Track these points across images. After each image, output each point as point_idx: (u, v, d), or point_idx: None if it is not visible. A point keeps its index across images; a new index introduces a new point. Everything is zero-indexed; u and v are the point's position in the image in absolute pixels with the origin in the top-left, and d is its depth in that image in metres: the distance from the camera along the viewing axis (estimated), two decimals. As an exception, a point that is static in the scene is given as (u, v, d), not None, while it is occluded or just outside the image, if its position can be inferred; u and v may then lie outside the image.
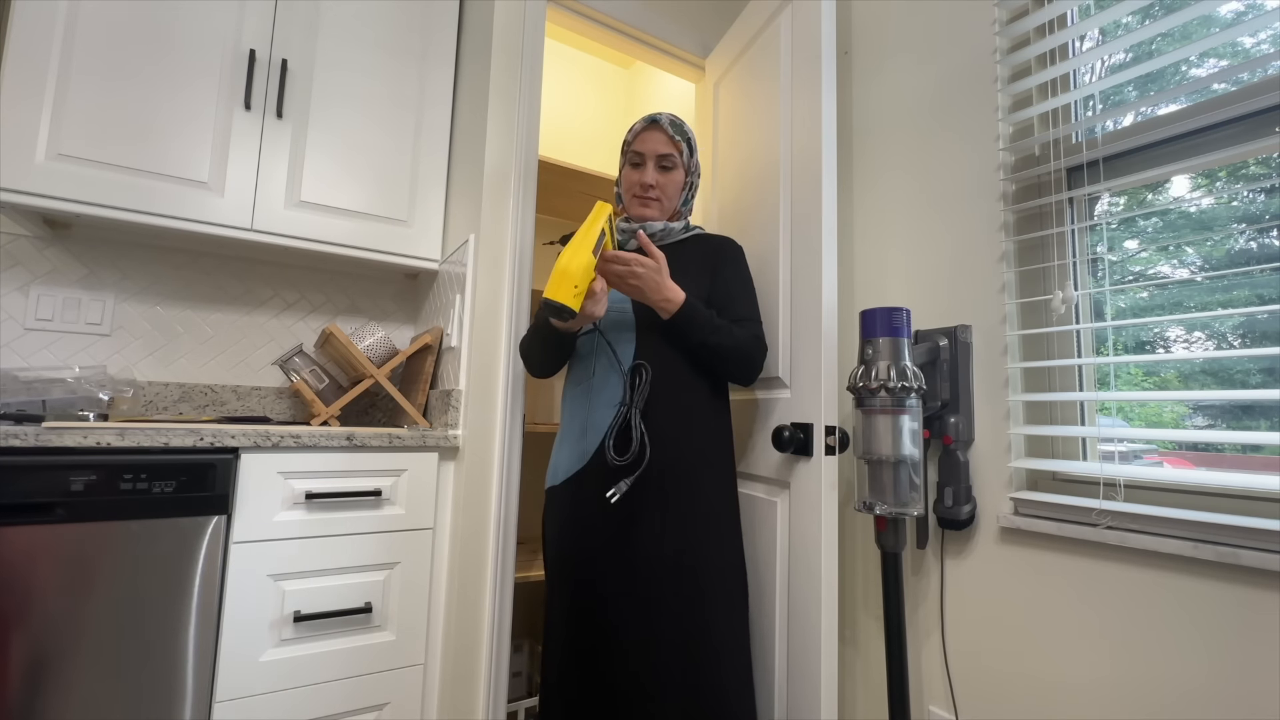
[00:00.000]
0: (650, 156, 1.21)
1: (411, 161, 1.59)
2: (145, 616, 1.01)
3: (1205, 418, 1.06)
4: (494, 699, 1.25)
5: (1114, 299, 1.15)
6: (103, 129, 1.26)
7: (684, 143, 1.23)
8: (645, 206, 1.23)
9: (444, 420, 1.39)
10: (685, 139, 1.23)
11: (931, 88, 1.41)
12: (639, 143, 1.23)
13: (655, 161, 1.21)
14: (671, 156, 1.21)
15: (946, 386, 1.26)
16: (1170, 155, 1.05)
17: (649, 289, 1.07)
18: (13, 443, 0.94)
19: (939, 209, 1.37)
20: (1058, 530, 1.08)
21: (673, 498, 1.12)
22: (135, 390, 1.46)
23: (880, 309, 1.11)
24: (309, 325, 1.71)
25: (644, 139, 1.22)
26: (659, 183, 1.21)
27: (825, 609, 1.11)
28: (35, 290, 1.40)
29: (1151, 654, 0.98)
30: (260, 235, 1.40)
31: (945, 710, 1.26)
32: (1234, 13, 1.03)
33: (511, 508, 1.31)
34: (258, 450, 1.13)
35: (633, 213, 1.25)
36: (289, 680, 1.12)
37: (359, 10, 1.55)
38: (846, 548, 1.51)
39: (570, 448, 1.19)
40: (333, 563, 1.18)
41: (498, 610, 1.27)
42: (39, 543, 0.95)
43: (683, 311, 1.10)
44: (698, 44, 1.82)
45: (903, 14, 1.50)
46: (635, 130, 1.25)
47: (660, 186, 1.22)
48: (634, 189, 1.23)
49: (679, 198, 1.26)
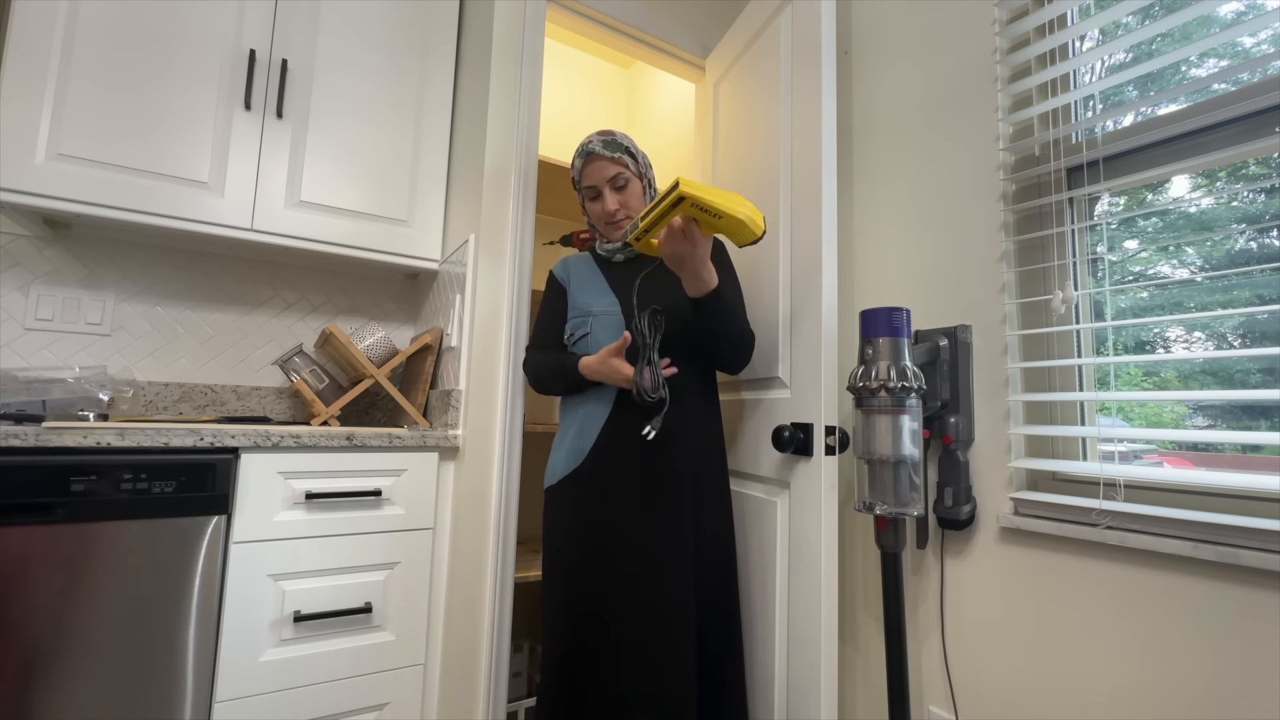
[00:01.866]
0: (602, 185, 1.22)
1: (411, 161, 1.59)
2: (145, 616, 1.01)
3: (1205, 418, 1.06)
4: (494, 699, 1.25)
5: (1114, 299, 1.15)
6: (103, 129, 1.26)
7: (624, 155, 1.23)
8: (618, 228, 1.25)
9: (444, 420, 1.39)
10: (623, 151, 1.23)
11: (931, 88, 1.41)
12: (586, 178, 1.24)
13: (608, 186, 1.22)
14: (621, 174, 1.22)
15: (946, 386, 1.26)
16: (1170, 155, 1.05)
17: (698, 262, 1.06)
18: (13, 443, 0.94)
19: (939, 209, 1.37)
20: (1058, 530, 1.08)
21: (670, 493, 1.13)
22: (135, 390, 1.46)
23: (880, 309, 1.11)
24: (309, 325, 1.71)
25: (589, 173, 1.23)
26: (621, 202, 1.23)
27: (825, 609, 1.11)
28: (35, 290, 1.40)
29: (1151, 654, 0.98)
30: (260, 235, 1.40)
31: (945, 710, 1.26)
32: (1234, 13, 1.02)
33: (511, 508, 1.31)
34: (258, 450, 1.13)
35: (612, 238, 1.27)
36: (289, 680, 1.12)
37: (359, 10, 1.55)
38: (846, 548, 1.51)
39: (568, 446, 1.20)
40: (333, 563, 1.18)
41: (498, 610, 1.27)
42: (39, 543, 0.95)
43: (712, 296, 1.10)
44: (698, 44, 1.82)
45: (903, 14, 1.50)
46: (577, 168, 1.26)
47: (624, 205, 1.23)
48: (603, 219, 1.25)
49: (643, 205, 1.27)
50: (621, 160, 1.22)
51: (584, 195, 1.28)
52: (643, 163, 1.27)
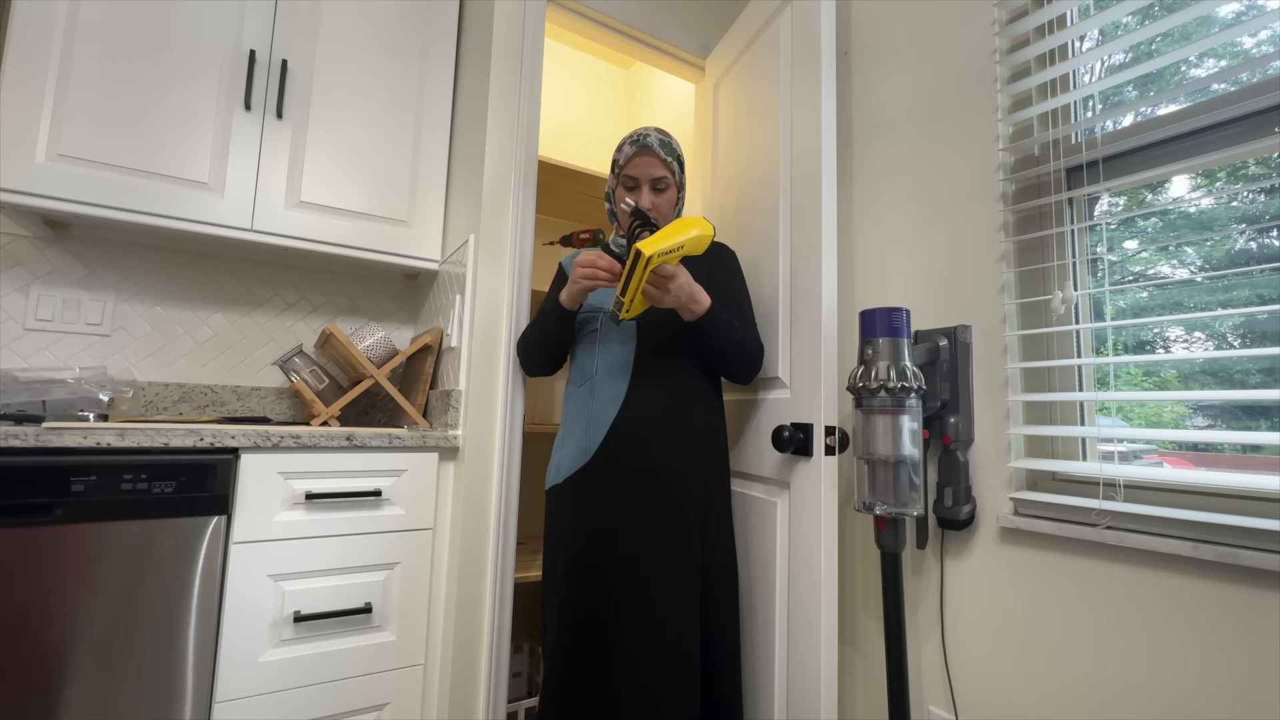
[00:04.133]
0: (645, 180, 1.22)
1: (411, 162, 1.59)
2: (145, 617, 1.01)
3: (1205, 418, 1.06)
4: (494, 699, 1.25)
5: (1114, 299, 1.15)
6: (103, 129, 1.26)
7: (675, 162, 1.24)
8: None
9: (444, 420, 1.39)
10: (676, 158, 1.24)
11: (931, 88, 1.41)
12: (632, 167, 1.23)
13: (650, 185, 1.22)
14: (665, 179, 1.23)
15: (946, 386, 1.26)
16: (1170, 155, 1.05)
17: (684, 294, 1.09)
18: (13, 443, 0.94)
19: (939, 209, 1.37)
20: (1057, 530, 1.08)
21: (673, 496, 1.13)
22: (135, 391, 1.46)
23: (880, 309, 1.11)
24: (309, 325, 1.71)
25: (637, 163, 1.23)
26: (655, 204, 1.23)
27: (825, 609, 1.11)
28: (35, 290, 1.40)
29: (1151, 654, 0.98)
30: (260, 235, 1.40)
31: (945, 710, 1.26)
32: (1234, 13, 1.03)
33: (511, 508, 1.31)
34: (258, 450, 1.13)
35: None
36: (289, 680, 1.12)
37: (359, 11, 1.55)
38: (846, 548, 1.51)
39: (574, 445, 1.20)
40: (333, 563, 1.18)
41: (498, 610, 1.26)
42: (39, 543, 0.95)
43: (709, 317, 1.12)
44: (698, 44, 1.82)
45: (902, 14, 1.50)
46: (626, 154, 1.25)
47: (656, 208, 1.23)
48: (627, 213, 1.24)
49: (672, 214, 1.28)
50: (671, 166, 1.23)
51: (619, 181, 1.27)
52: (684, 179, 1.28)
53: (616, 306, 1.07)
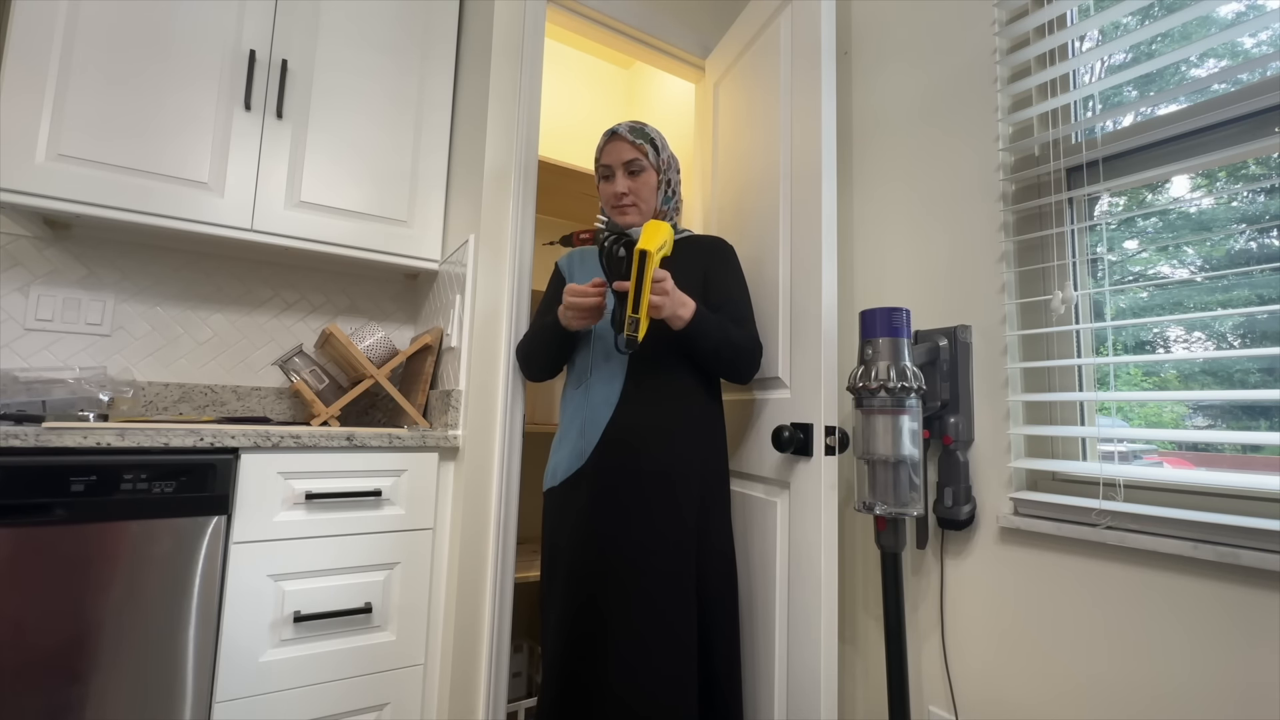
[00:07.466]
0: (617, 166, 1.24)
1: (411, 162, 1.59)
2: (145, 617, 1.01)
3: (1205, 418, 1.06)
4: (494, 699, 1.25)
5: (1114, 299, 1.15)
6: (103, 129, 1.26)
7: (646, 144, 1.24)
8: (624, 214, 1.25)
9: (444, 420, 1.39)
10: (647, 140, 1.25)
11: (931, 88, 1.42)
12: (604, 156, 1.26)
13: (623, 169, 1.24)
14: (637, 160, 1.23)
15: (946, 386, 1.26)
16: (1170, 155, 1.05)
17: (677, 300, 1.10)
18: (13, 443, 0.94)
19: (939, 209, 1.37)
20: (1057, 530, 1.08)
21: (670, 494, 1.13)
22: (135, 391, 1.46)
23: (880, 309, 1.11)
24: (309, 325, 1.71)
25: (608, 152, 1.25)
26: (631, 188, 1.24)
27: (825, 609, 1.11)
28: (35, 290, 1.40)
29: (1151, 654, 0.98)
30: (260, 235, 1.40)
31: (945, 710, 1.26)
32: (1234, 13, 1.03)
33: (511, 508, 1.31)
34: (258, 450, 1.13)
35: (621, 223, 1.27)
36: (289, 680, 1.12)
37: (359, 11, 1.55)
38: (846, 548, 1.51)
39: (570, 447, 1.20)
40: (333, 563, 1.18)
41: (498, 610, 1.27)
42: (39, 543, 0.95)
43: (695, 322, 1.12)
44: (698, 45, 1.82)
45: (902, 14, 1.50)
46: (600, 146, 1.28)
47: (633, 191, 1.24)
48: (610, 200, 1.26)
49: (656, 198, 1.28)
50: (641, 147, 1.23)
51: (599, 175, 1.29)
52: (666, 160, 1.28)
53: (631, 328, 0.99)
